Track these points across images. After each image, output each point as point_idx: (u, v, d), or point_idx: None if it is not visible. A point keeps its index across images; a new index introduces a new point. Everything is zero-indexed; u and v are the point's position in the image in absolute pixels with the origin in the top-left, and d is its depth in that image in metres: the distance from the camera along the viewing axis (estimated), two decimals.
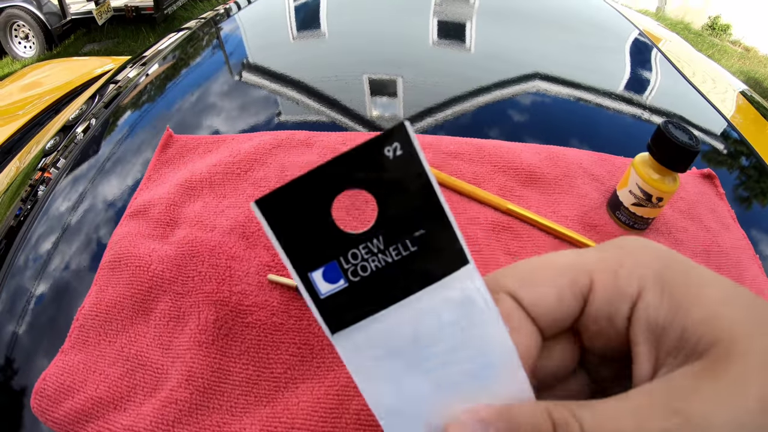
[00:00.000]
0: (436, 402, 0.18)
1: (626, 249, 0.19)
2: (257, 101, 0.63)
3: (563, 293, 0.19)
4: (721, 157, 0.62)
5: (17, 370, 0.42)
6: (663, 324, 0.17)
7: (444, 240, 0.17)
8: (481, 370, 0.18)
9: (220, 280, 0.39)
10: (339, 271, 0.17)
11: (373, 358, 0.17)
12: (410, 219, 0.16)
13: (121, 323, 0.40)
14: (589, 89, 0.65)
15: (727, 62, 4.42)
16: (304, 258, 0.16)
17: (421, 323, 0.17)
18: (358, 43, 0.75)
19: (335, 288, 0.17)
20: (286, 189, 0.16)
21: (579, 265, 0.19)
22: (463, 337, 0.17)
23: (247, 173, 0.49)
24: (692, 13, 5.62)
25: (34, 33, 3.87)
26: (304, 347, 0.36)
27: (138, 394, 0.36)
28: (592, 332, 0.19)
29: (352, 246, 0.16)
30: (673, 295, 0.17)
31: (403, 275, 0.17)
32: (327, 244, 0.16)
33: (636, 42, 0.84)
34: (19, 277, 0.49)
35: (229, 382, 0.35)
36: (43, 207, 0.57)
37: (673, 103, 0.68)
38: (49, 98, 1.34)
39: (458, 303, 0.17)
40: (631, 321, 0.18)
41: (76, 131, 0.75)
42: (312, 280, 0.16)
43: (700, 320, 0.16)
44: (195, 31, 0.94)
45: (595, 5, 0.99)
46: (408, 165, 0.16)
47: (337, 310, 0.17)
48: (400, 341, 0.17)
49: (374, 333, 0.17)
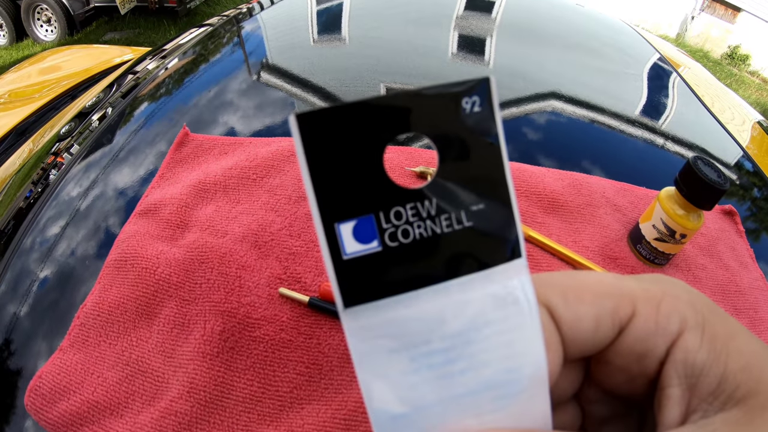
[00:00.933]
0: (447, 414, 0.14)
1: (665, 285, 0.18)
2: (274, 102, 0.62)
3: (603, 319, 0.17)
4: (738, 191, 0.61)
5: (13, 363, 0.41)
6: (701, 368, 0.16)
7: (502, 223, 0.14)
8: (506, 386, 0.15)
9: (229, 290, 0.38)
10: (375, 229, 0.13)
11: (386, 350, 0.14)
12: (472, 189, 0.14)
13: (123, 325, 0.39)
14: (609, 113, 0.64)
15: (745, 93, 4.40)
16: (336, 202, 0.13)
17: (453, 317, 0.14)
18: (377, 51, 0.74)
19: (364, 250, 0.13)
20: (337, 111, 0.13)
21: (623, 291, 0.18)
22: (498, 343, 0.15)
23: (263, 179, 0.48)
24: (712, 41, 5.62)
25: (57, 17, 3.90)
26: (313, 367, 0.35)
27: (136, 402, 0.35)
28: (614, 366, 0.18)
29: (399, 203, 0.14)
30: (713, 341, 0.17)
31: (450, 253, 0.14)
32: (369, 192, 0.13)
33: (657, 67, 0.83)
34: (23, 261, 0.48)
35: (231, 397, 0.34)
36: (54, 192, 0.56)
37: (692, 133, 0.67)
38: (66, 83, 1.34)
39: (501, 301, 0.14)
40: (666, 361, 0.17)
41: (91, 119, 0.75)
42: (338, 232, 0.13)
43: (740, 368, 0.16)
44: (217, 28, 0.93)
45: (619, 28, 0.98)
46: (483, 125, 0.14)
47: (359, 278, 0.13)
48: (424, 334, 0.14)
49: (395, 318, 0.14)
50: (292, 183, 0.47)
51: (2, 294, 0.46)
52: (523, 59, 0.75)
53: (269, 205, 0.45)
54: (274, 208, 0.45)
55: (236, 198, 0.47)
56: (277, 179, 0.48)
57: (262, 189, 0.47)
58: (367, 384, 0.14)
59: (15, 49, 3.90)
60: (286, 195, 0.46)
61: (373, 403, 0.14)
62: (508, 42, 0.79)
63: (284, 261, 0.41)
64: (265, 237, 0.42)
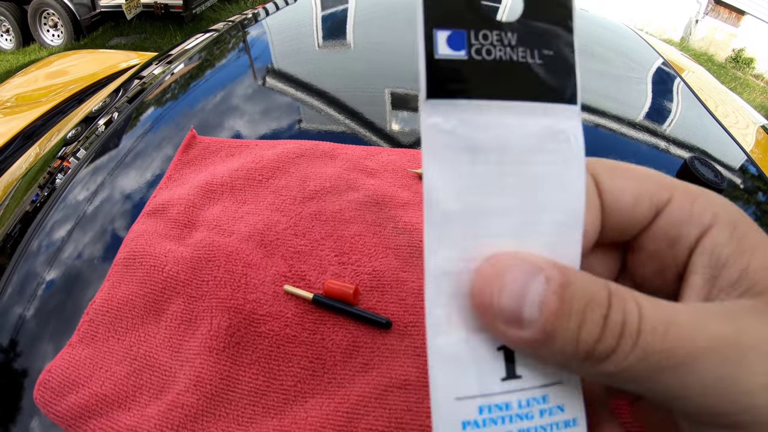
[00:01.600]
0: (490, 225, 0.16)
1: (703, 191, 0.19)
2: (279, 107, 0.63)
3: (642, 197, 0.18)
4: (742, 195, 0.61)
5: (23, 358, 0.42)
6: (725, 260, 0.17)
7: (565, 71, 0.17)
8: (545, 214, 0.16)
9: (235, 287, 0.39)
10: (465, 41, 0.16)
11: (453, 147, 0.16)
12: (546, 35, 0.16)
13: (131, 321, 0.40)
14: (612, 117, 0.65)
15: (749, 96, 4.39)
16: (439, 13, 0.15)
17: (515, 134, 0.16)
18: (382, 57, 0.75)
19: (454, 55, 0.16)
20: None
21: (664, 180, 0.19)
22: (546, 173, 0.16)
23: (268, 180, 0.49)
24: (716, 44, 5.61)
25: (63, 22, 3.94)
26: (316, 361, 0.36)
27: (143, 395, 0.36)
28: (647, 253, 0.19)
29: (489, 27, 0.16)
30: (741, 239, 0.17)
31: (522, 78, 0.16)
32: (467, 11, 0.16)
33: (660, 71, 0.83)
34: (30, 263, 0.49)
35: (237, 390, 0.35)
36: (60, 195, 0.57)
37: (695, 136, 0.68)
38: (73, 87, 1.36)
39: (556, 136, 0.16)
40: (694, 249, 0.18)
41: (98, 123, 0.76)
42: (435, 36, 0.15)
43: (763, 268, 0.17)
44: (222, 33, 0.94)
45: (622, 32, 0.98)
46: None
47: (444, 75, 0.16)
48: (488, 141, 0.16)
49: (467, 118, 0.16)
50: (297, 184, 0.48)
51: (11, 295, 0.47)
52: None
53: (275, 205, 0.46)
54: (280, 209, 0.46)
55: (242, 198, 0.48)
56: (282, 180, 0.49)
57: (268, 190, 0.48)
58: (431, 175, 0.16)
59: (22, 54, 3.94)
60: (291, 196, 0.47)
61: (431, 194, 0.16)
62: None
63: (289, 259, 0.42)
64: (270, 236, 0.43)
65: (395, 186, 0.49)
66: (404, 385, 0.34)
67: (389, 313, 0.38)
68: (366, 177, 0.50)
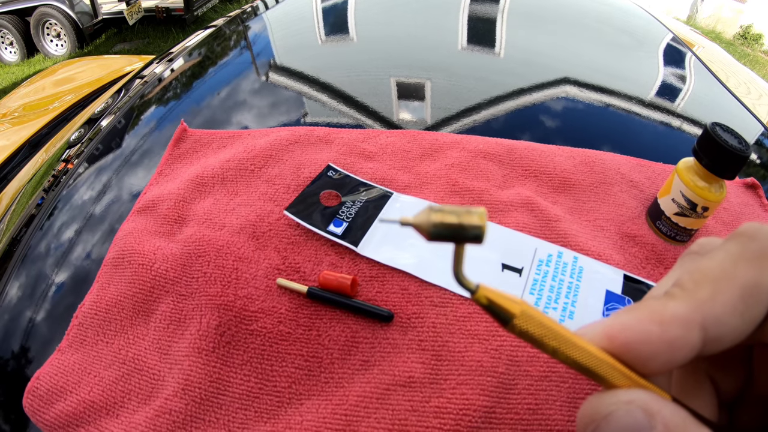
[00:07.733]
0: None
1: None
2: (281, 101, 0.61)
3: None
4: (759, 166, 0.58)
5: (14, 365, 0.40)
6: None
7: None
8: None
9: (226, 283, 0.37)
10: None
11: None
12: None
13: (121, 324, 0.38)
14: (624, 94, 0.62)
15: (759, 72, 4.30)
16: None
17: None
18: (386, 46, 0.72)
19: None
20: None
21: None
22: None
23: (261, 170, 0.46)
24: (724, 22, 5.48)
25: (66, 32, 3.95)
26: (312, 360, 0.33)
27: (132, 401, 0.34)
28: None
29: None
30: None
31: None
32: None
33: (671, 47, 0.81)
34: (28, 267, 0.48)
35: (228, 394, 0.32)
36: (58, 196, 0.56)
37: (710, 109, 0.65)
38: (79, 94, 1.36)
39: None
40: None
41: (101, 124, 0.75)
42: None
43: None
44: (221, 28, 0.93)
45: (631, 10, 0.95)
46: None
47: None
48: None
49: None
50: (291, 172, 0.46)
51: (7, 298, 0.45)
52: (535, 45, 0.73)
53: (267, 195, 0.44)
54: (273, 198, 0.43)
55: (234, 190, 0.45)
56: (275, 169, 0.46)
57: (261, 179, 0.46)
58: None
59: (26, 65, 3.97)
60: (285, 184, 0.45)
61: None
62: (519, 29, 0.77)
63: (283, 251, 0.39)
64: (263, 227, 0.41)
65: (395, 168, 0.46)
66: (408, 382, 0.31)
67: (390, 304, 0.35)
68: (364, 161, 0.47)
